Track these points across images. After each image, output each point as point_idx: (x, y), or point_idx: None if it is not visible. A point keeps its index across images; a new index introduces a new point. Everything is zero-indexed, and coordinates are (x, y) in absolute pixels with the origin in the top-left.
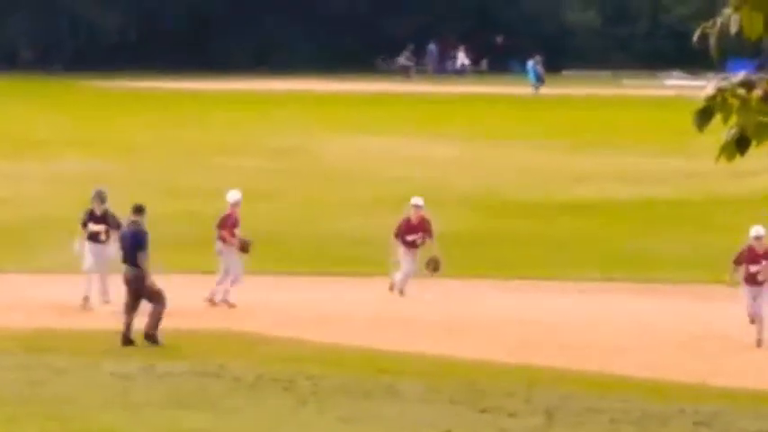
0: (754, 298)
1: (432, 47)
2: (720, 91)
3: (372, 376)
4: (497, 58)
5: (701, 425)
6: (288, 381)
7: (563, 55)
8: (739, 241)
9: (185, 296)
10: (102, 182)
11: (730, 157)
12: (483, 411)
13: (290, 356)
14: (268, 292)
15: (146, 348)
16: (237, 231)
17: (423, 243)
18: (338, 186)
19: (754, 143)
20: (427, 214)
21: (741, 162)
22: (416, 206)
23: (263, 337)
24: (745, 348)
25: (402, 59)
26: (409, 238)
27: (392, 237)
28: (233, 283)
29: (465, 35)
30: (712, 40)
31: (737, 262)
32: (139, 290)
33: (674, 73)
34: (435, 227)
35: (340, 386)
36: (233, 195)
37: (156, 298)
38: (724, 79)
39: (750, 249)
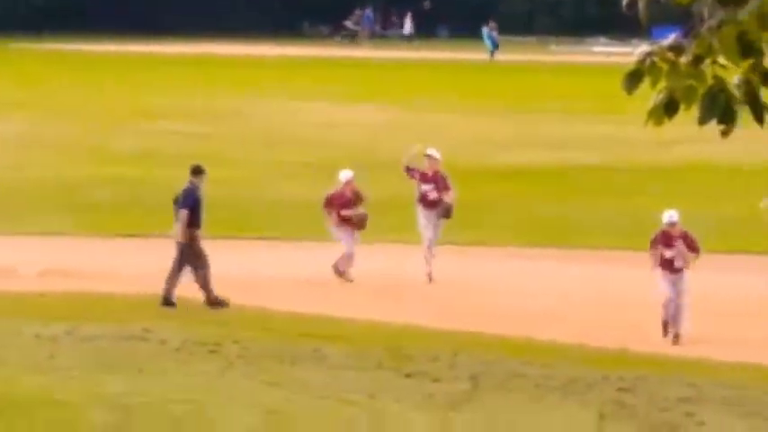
0: (674, 284)
1: (368, 12)
2: (650, 55)
3: (299, 341)
4: (424, 23)
5: (624, 391)
6: (214, 344)
7: (490, 20)
8: (664, 208)
9: (112, 259)
10: (30, 145)
11: (658, 122)
12: (408, 376)
13: (216, 320)
14: None
15: (70, 311)
16: (350, 210)
17: (438, 200)
18: (269, 151)
19: (682, 107)
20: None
21: (668, 130)
22: (431, 156)
23: (189, 300)
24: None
25: (349, 24)
26: (423, 188)
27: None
28: (348, 258)
29: (393, 0)
30: (641, 6)
31: (652, 245)
32: (180, 250)
33: (601, 39)
34: (370, 190)
35: (267, 350)
36: (345, 174)
37: (199, 263)
38: (653, 43)
39: (664, 233)
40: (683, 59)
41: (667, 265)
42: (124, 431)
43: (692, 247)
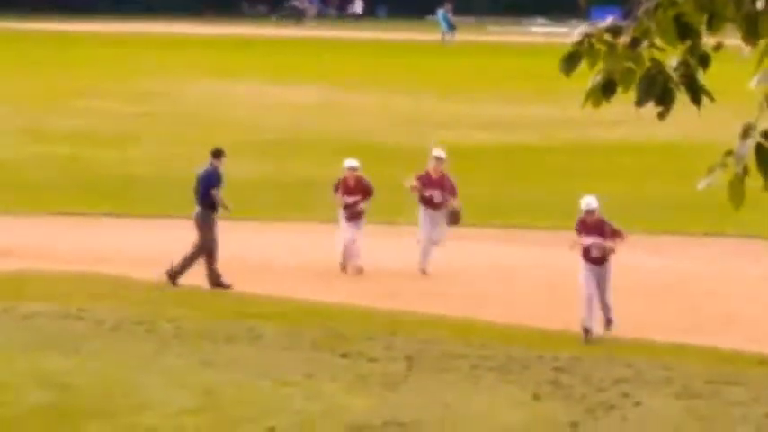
0: (594, 275)
1: None
2: (587, 36)
3: (234, 320)
4: (364, 3)
5: (560, 371)
6: (150, 323)
7: (427, 1)
8: (602, 189)
9: (47, 238)
10: None
11: (596, 104)
12: (344, 356)
13: (151, 299)
14: (130, 236)
15: (6, 290)
16: (352, 198)
17: (444, 202)
18: (200, 131)
19: (620, 90)
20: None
21: (607, 111)
22: (438, 158)
23: (125, 279)
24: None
25: (296, 2)
26: (427, 193)
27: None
28: (348, 247)
29: None
30: None
31: (577, 231)
32: (200, 229)
33: (539, 20)
34: (300, 172)
35: (202, 329)
36: (349, 162)
37: (203, 246)
38: (591, 25)
39: (582, 222)
40: (621, 42)
41: (585, 254)
42: (61, 410)
43: (613, 233)
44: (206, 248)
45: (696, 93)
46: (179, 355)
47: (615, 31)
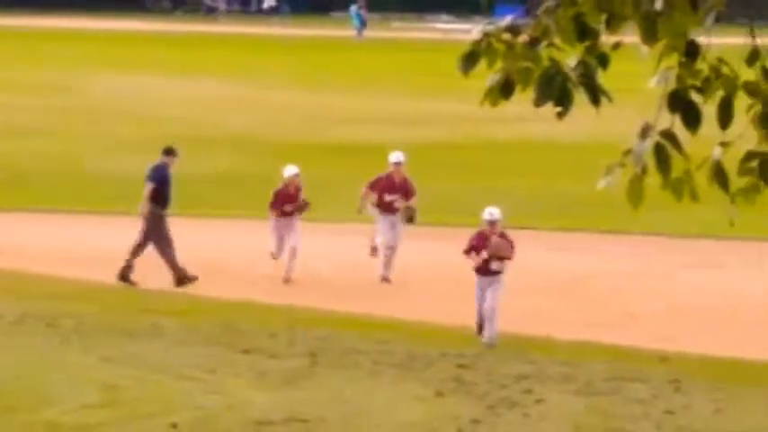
0: (489, 286)
1: None
2: (486, 35)
3: (136, 316)
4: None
5: (463, 368)
6: (51, 318)
7: None
8: (506, 186)
9: None
10: None
11: (494, 103)
12: (246, 352)
13: (53, 294)
14: (31, 230)
15: None
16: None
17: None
18: (103, 124)
19: (518, 89)
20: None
21: (511, 108)
22: (397, 163)
23: (25, 274)
24: (509, 292)
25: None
26: (388, 199)
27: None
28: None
29: None
30: None
31: (469, 247)
32: (145, 226)
33: (443, 16)
34: (200, 166)
35: (103, 325)
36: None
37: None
38: (490, 24)
39: (479, 235)
40: (520, 41)
41: (483, 267)
42: None
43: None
44: (167, 241)
45: (594, 93)
46: (80, 350)
47: (514, 30)
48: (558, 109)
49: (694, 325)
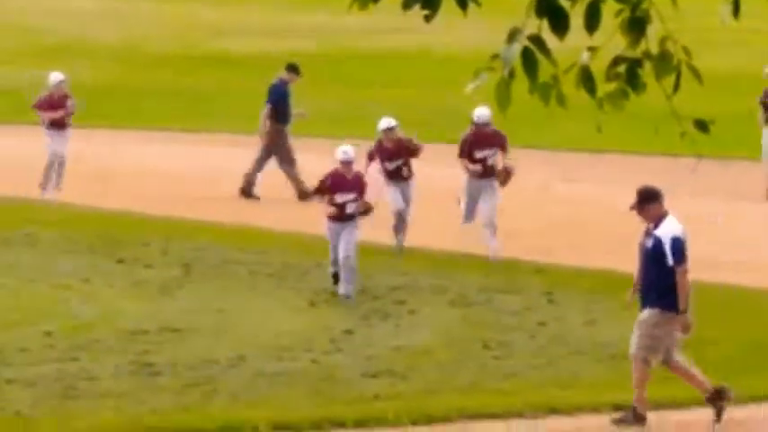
0: (337, 233)
1: None
2: None
3: (11, 225)
4: None
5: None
6: None
7: None
8: (380, 96)
9: None
10: None
11: (362, 6)
12: (120, 262)
13: None
14: None
15: None
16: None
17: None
18: None
19: None
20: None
21: (383, 19)
22: (389, 129)
23: None
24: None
25: None
26: (392, 166)
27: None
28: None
29: None
30: None
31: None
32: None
33: None
34: (80, 77)
35: None
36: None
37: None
38: None
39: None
40: None
41: (337, 212)
42: None
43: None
44: (288, 157)
45: None
46: None
47: None
48: (426, 12)
49: (568, 237)
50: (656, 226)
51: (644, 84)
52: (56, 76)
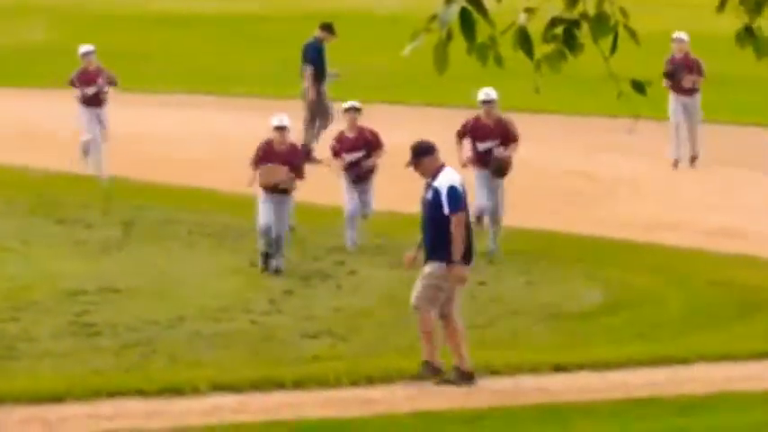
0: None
1: None
2: None
3: None
4: None
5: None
6: None
7: None
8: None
9: None
10: None
11: None
12: (60, 223)
13: None
14: None
15: None
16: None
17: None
18: None
19: None
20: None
21: None
22: (351, 109)
23: None
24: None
25: None
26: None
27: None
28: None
29: None
30: None
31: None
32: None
33: None
34: (12, 37)
35: None
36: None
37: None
38: None
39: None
40: None
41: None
42: None
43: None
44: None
45: None
46: None
47: None
48: None
49: (509, 198)
50: (433, 178)
51: (581, 45)
52: (83, 48)
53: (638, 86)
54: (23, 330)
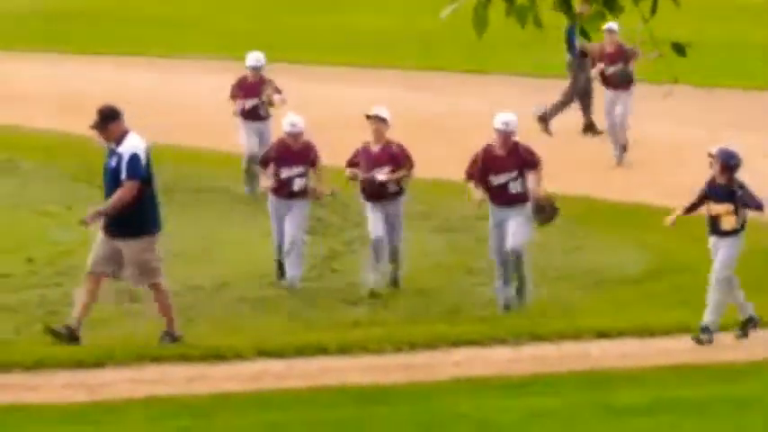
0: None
1: None
2: None
3: None
4: None
5: (319, 206)
6: None
7: None
8: (362, 21)
9: None
10: None
11: None
12: (101, 188)
13: None
14: None
15: None
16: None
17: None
18: None
19: None
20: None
21: None
22: (377, 117)
23: None
24: None
25: None
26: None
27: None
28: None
29: None
30: None
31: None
32: None
33: None
34: (60, 3)
35: None
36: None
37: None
38: None
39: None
40: None
41: (281, 186)
42: None
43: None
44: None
45: None
46: None
47: None
48: None
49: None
50: (118, 144)
51: (621, 6)
52: (251, 58)
53: (679, 48)
54: (66, 295)
